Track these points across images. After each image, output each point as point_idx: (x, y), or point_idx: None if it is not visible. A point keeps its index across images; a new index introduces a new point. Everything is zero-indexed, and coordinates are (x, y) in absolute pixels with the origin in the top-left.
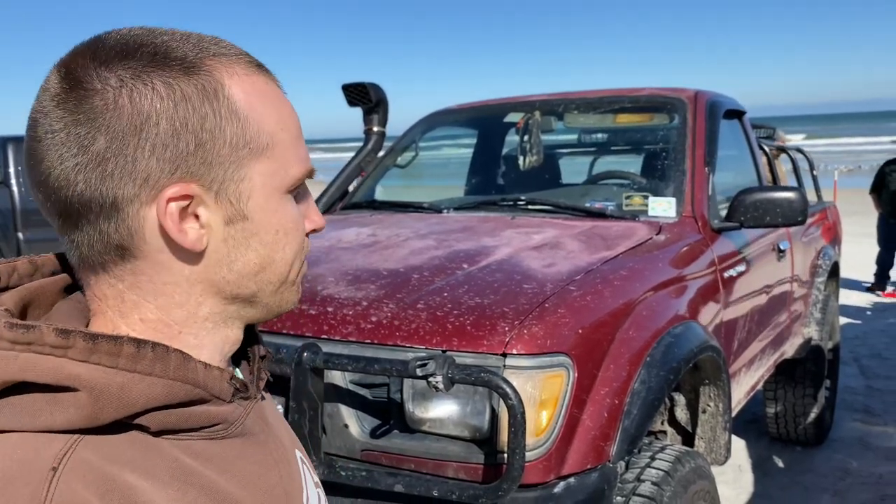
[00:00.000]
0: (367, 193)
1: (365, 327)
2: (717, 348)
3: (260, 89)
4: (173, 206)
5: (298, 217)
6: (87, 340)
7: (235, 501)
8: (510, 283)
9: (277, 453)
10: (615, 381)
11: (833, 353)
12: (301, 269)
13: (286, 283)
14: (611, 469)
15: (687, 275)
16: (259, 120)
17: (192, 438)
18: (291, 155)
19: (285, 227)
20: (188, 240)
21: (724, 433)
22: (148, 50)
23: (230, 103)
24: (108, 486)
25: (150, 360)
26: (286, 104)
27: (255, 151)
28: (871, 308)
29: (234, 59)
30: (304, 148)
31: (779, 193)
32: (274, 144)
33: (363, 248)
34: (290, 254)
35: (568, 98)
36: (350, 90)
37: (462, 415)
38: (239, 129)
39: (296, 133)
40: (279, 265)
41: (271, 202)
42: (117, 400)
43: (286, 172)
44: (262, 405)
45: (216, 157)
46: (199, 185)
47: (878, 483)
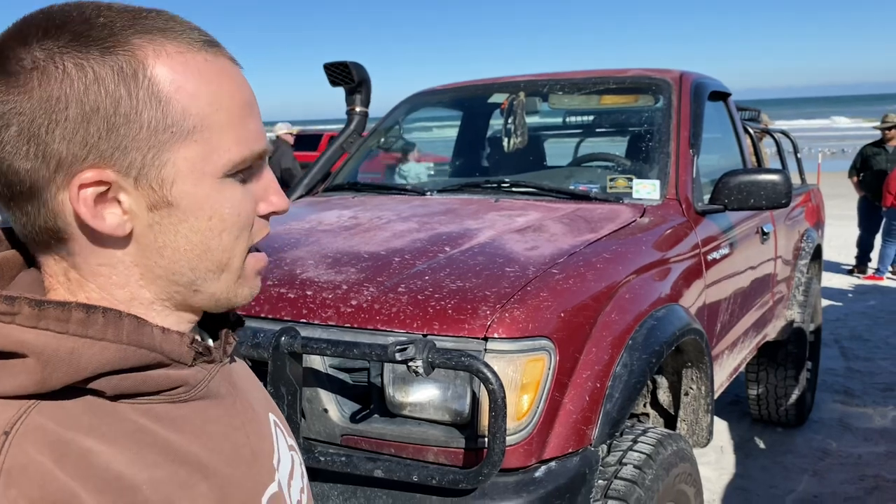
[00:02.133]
0: (349, 175)
1: (344, 311)
2: (699, 331)
3: (194, 67)
4: (88, 191)
5: (241, 201)
6: (33, 306)
7: (197, 461)
8: (492, 267)
9: (245, 415)
10: (597, 365)
11: (815, 336)
12: (247, 262)
13: (229, 273)
14: (592, 453)
15: (670, 257)
16: (186, 101)
17: (154, 402)
18: (229, 136)
19: (220, 214)
20: (106, 225)
21: (706, 415)
22: (70, 28)
23: (150, 85)
24: (63, 449)
25: (101, 325)
26: (229, 81)
27: (178, 135)
28: (851, 290)
29: (167, 35)
30: (254, 126)
31: (763, 176)
32: (204, 127)
33: (344, 231)
34: (228, 241)
35: (553, 79)
36: (332, 69)
37: (443, 399)
38: (159, 112)
39: (238, 112)
40: (216, 253)
41: (202, 187)
42: (66, 365)
43: (221, 155)
44: (229, 369)
45: (132, 142)
46: (116, 171)
47: (857, 463)
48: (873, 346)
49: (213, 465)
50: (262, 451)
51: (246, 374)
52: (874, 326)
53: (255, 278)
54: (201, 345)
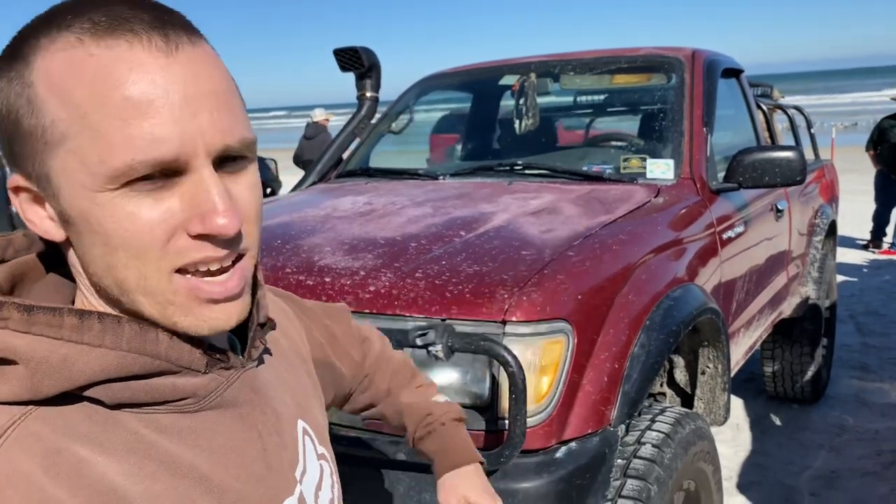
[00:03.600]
0: (361, 161)
1: (363, 297)
2: (716, 310)
3: (73, 65)
4: (21, 195)
5: (132, 217)
6: (21, 312)
7: (200, 475)
8: (508, 250)
9: (265, 426)
10: (615, 346)
11: (830, 312)
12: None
13: (149, 297)
14: (612, 433)
15: (685, 237)
16: (56, 106)
17: (160, 412)
18: (107, 143)
19: (105, 230)
20: (38, 229)
21: (723, 394)
22: (30, 27)
23: (30, 90)
24: (54, 458)
25: (97, 332)
26: (114, 77)
27: (50, 145)
28: (867, 265)
29: (65, 29)
30: (147, 129)
31: (778, 153)
32: (74, 134)
33: (359, 217)
34: (127, 260)
35: (564, 59)
36: (342, 55)
37: (462, 382)
38: (34, 119)
39: (119, 113)
40: (120, 272)
41: (81, 201)
42: (57, 372)
43: (93, 166)
44: (254, 374)
45: (21, 151)
46: (25, 178)
47: (874, 439)
48: (889, 321)
49: (218, 479)
50: (281, 462)
51: (276, 378)
52: (889, 301)
53: (202, 308)
54: (217, 350)
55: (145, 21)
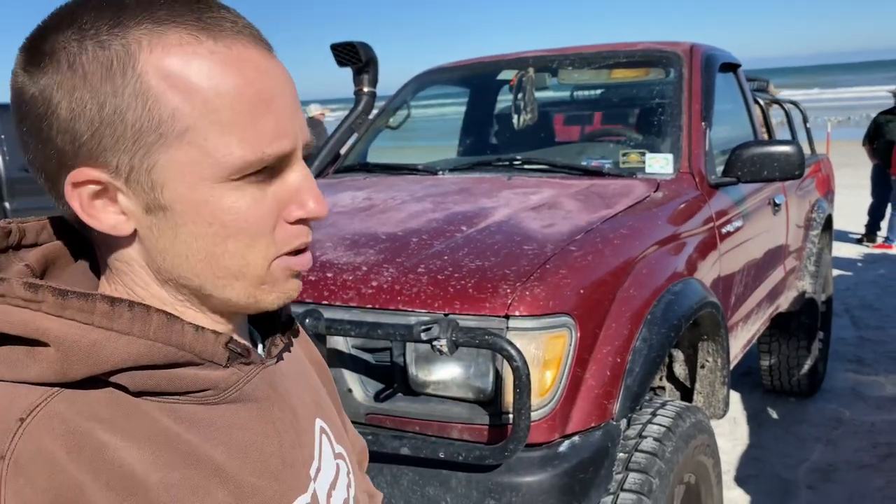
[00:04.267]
0: (359, 156)
1: (366, 292)
2: (716, 304)
3: (194, 61)
4: (84, 189)
5: (249, 207)
6: (56, 296)
7: (216, 467)
8: (510, 245)
9: (282, 422)
10: (617, 340)
11: (826, 306)
12: (274, 267)
13: (245, 281)
14: (614, 427)
15: (685, 232)
16: (178, 100)
17: (181, 402)
18: (231, 138)
19: (221, 220)
20: (102, 225)
21: (722, 387)
22: (83, 17)
23: (138, 82)
24: (78, 440)
25: (127, 319)
26: (239, 75)
27: (167, 137)
28: (861, 259)
29: (174, 24)
30: (271, 124)
31: (776, 147)
32: (199, 128)
33: (360, 213)
34: (237, 248)
35: (562, 54)
36: (339, 50)
37: (465, 376)
38: (145, 112)
39: (247, 110)
40: (223, 259)
41: (198, 192)
42: (87, 357)
43: (220, 158)
44: (273, 371)
45: (118, 143)
46: (106, 171)
47: (870, 431)
48: (884, 314)
49: (234, 472)
50: (296, 459)
51: (296, 376)
52: (884, 295)
53: (288, 282)
54: (239, 345)
55: (243, 24)
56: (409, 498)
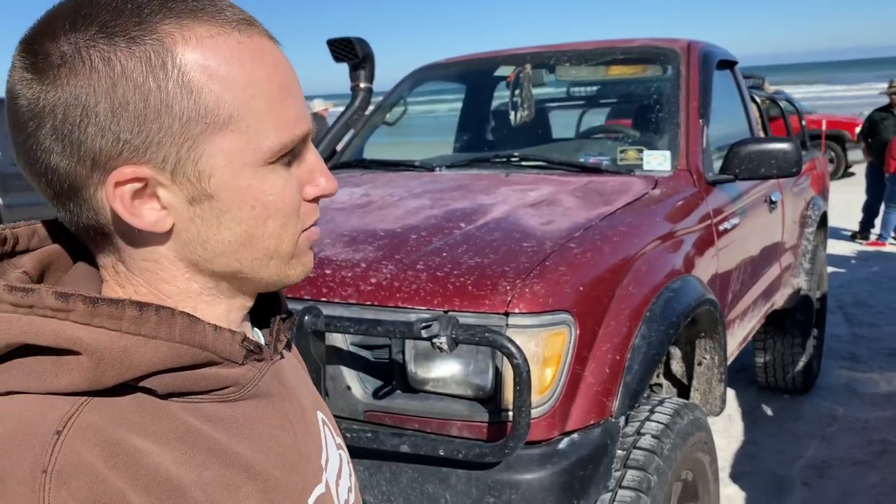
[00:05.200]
0: (356, 152)
1: (365, 289)
2: (714, 301)
3: (226, 51)
4: (125, 188)
5: (284, 188)
6: (87, 304)
7: (245, 463)
8: (509, 242)
9: (294, 415)
10: (616, 337)
11: (821, 303)
12: (300, 240)
13: (278, 258)
14: (613, 424)
15: (683, 229)
16: (219, 89)
17: (203, 401)
18: (268, 123)
19: (264, 202)
20: (145, 222)
21: (719, 385)
22: (97, 18)
23: (180, 74)
24: (114, 448)
25: (154, 323)
26: (265, 63)
27: (213, 126)
28: (855, 257)
29: (198, 17)
30: (294, 108)
31: (773, 145)
32: (241, 115)
33: (357, 209)
34: (275, 228)
35: (559, 50)
36: (335, 45)
37: (465, 374)
38: (191, 102)
39: (277, 96)
40: (263, 240)
41: (242, 178)
42: (119, 363)
43: (260, 144)
44: (280, 366)
45: (165, 136)
46: (151, 166)
47: (864, 428)
48: (877, 311)
49: (260, 466)
50: (309, 451)
51: (294, 371)
52: (878, 292)
53: (307, 254)
54: (252, 343)
55: (247, 16)
56: (409, 495)
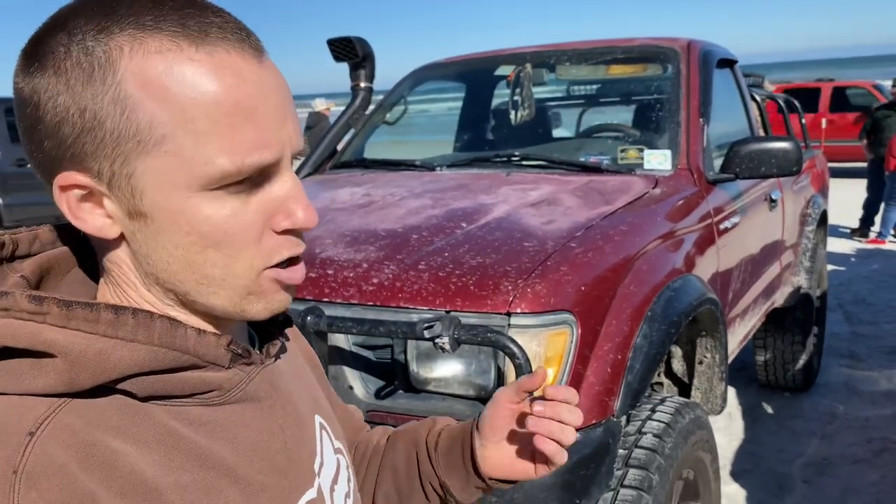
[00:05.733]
0: (356, 152)
1: (366, 289)
2: (715, 300)
3: (173, 68)
4: (71, 193)
5: (228, 218)
6: (61, 307)
7: (226, 467)
8: (511, 242)
9: (285, 419)
10: (618, 337)
11: (821, 301)
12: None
13: (230, 289)
14: (615, 423)
15: (684, 228)
16: (155, 108)
17: (187, 404)
18: (209, 147)
19: (199, 231)
20: (90, 227)
21: (720, 383)
22: (74, 22)
23: (118, 89)
24: (89, 450)
25: (131, 327)
26: (222, 83)
27: (144, 144)
28: (854, 254)
29: (158, 30)
30: (252, 134)
31: (774, 144)
32: (175, 136)
33: (359, 209)
34: (218, 258)
35: (560, 50)
36: (336, 45)
37: (467, 374)
38: (123, 119)
39: (226, 119)
40: (205, 268)
41: (173, 201)
42: (95, 365)
43: (196, 168)
44: (272, 370)
45: (98, 149)
46: (89, 176)
47: (864, 426)
48: (877, 309)
49: (243, 471)
50: (300, 456)
51: (294, 374)
52: (877, 290)
53: (277, 294)
54: (240, 346)
55: (231, 28)
56: None
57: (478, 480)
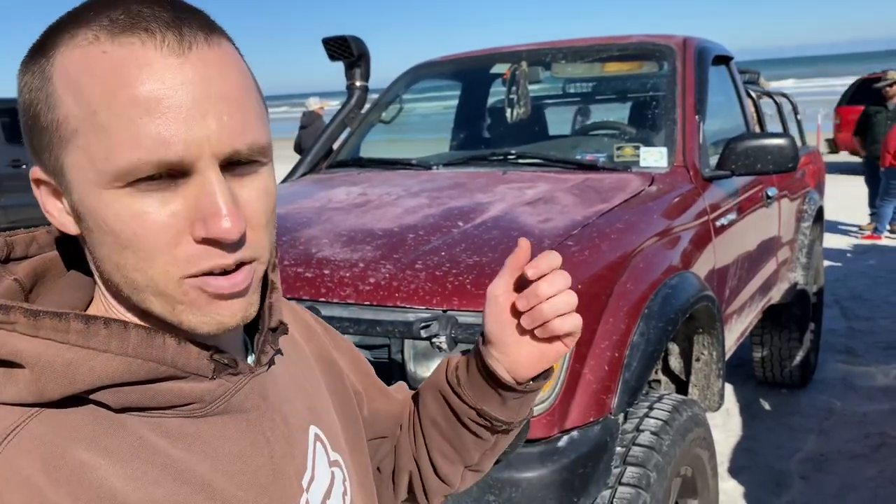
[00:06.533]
0: (352, 151)
1: (363, 289)
2: (711, 297)
3: (88, 62)
4: (42, 188)
5: (134, 218)
6: (28, 316)
7: (202, 482)
8: (507, 241)
9: (273, 432)
10: (615, 335)
11: (817, 297)
12: (187, 287)
13: (159, 296)
14: (612, 421)
15: (680, 225)
16: (71, 102)
17: (166, 416)
18: (112, 141)
19: (113, 229)
20: (56, 220)
21: (717, 380)
22: (61, 21)
23: (49, 85)
24: (56, 462)
25: (103, 337)
26: (127, 75)
27: (63, 140)
28: (850, 250)
29: (88, 25)
30: (160, 128)
31: (770, 140)
32: (84, 131)
33: (355, 209)
34: (134, 261)
35: (555, 47)
36: (331, 44)
37: None
38: (51, 114)
39: (129, 113)
40: (128, 271)
41: (90, 198)
42: (62, 376)
43: (99, 163)
44: (264, 379)
45: (39, 145)
46: (44, 171)
47: (861, 422)
48: (874, 305)
49: (220, 486)
50: (287, 470)
51: (292, 382)
52: (874, 286)
53: (212, 304)
54: (226, 356)
55: (162, 19)
56: None
57: (510, 392)
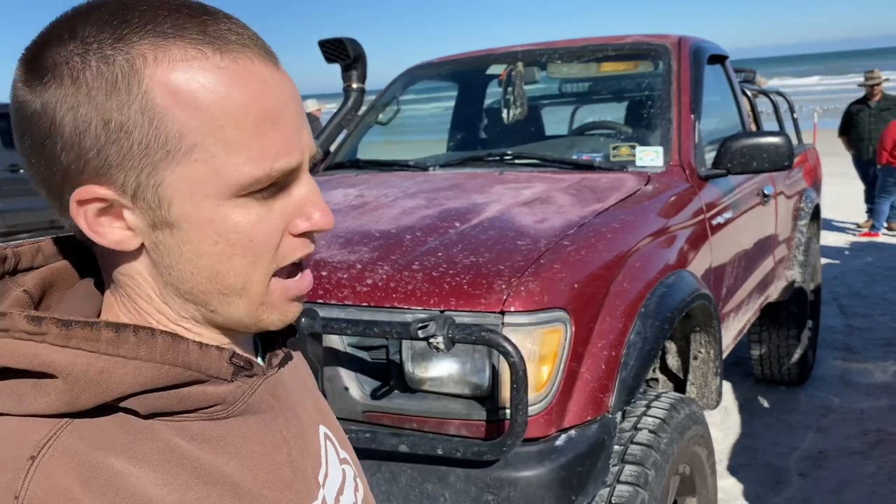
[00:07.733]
0: (349, 153)
1: (361, 290)
2: (708, 296)
3: (200, 76)
4: (90, 207)
5: (254, 225)
6: (60, 327)
7: (231, 482)
8: (504, 241)
9: (288, 430)
10: (611, 334)
11: (815, 294)
12: (272, 287)
13: (248, 298)
14: (610, 420)
15: (676, 224)
16: (185, 116)
17: (190, 420)
18: (239, 155)
19: (228, 238)
20: (108, 241)
21: (715, 378)
22: (85, 29)
23: (145, 99)
24: (92, 472)
25: (132, 344)
26: (245, 90)
27: (174, 154)
28: (847, 248)
29: (180, 38)
30: (278, 140)
31: (765, 139)
32: (206, 145)
33: (352, 210)
34: (242, 266)
35: (551, 48)
36: (327, 46)
37: (462, 373)
38: (152, 129)
39: (254, 127)
40: (229, 278)
41: (203, 210)
42: (96, 385)
43: (227, 176)
44: (275, 381)
45: (125, 160)
46: (111, 188)
47: (859, 418)
48: (871, 302)
49: (248, 485)
50: (305, 467)
51: (298, 383)
52: (871, 283)
53: (288, 304)
54: (242, 359)
55: (248, 36)
56: (408, 494)
57: None
